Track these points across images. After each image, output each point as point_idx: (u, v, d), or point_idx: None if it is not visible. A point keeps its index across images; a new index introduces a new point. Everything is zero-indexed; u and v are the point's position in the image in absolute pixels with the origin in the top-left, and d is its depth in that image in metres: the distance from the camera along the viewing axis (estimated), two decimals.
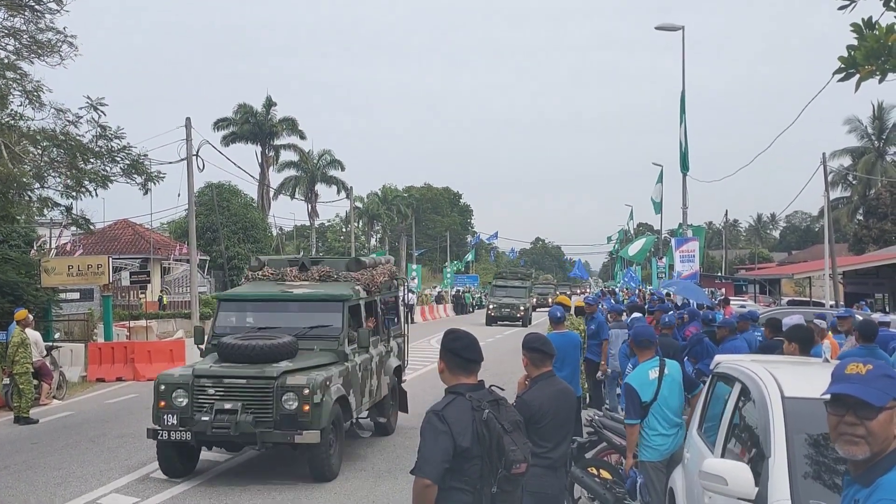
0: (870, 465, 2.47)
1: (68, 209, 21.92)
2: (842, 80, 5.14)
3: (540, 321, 36.38)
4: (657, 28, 24.66)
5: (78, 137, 19.57)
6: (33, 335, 15.07)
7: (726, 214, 74.20)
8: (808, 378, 5.11)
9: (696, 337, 11.19)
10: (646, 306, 16.88)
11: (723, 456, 5.12)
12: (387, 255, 16.49)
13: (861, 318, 11.64)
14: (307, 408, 9.12)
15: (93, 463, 10.52)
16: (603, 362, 13.26)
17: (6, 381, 15.21)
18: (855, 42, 5.09)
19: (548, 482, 5.12)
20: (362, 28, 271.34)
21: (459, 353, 4.04)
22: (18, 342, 14.21)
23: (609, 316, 14.38)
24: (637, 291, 48.91)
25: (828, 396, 2.56)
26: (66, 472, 10.00)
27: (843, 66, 5.10)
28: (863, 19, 5.10)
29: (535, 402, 5.10)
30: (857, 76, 5.09)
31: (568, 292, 65.33)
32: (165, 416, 9.37)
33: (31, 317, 15.39)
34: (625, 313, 15.12)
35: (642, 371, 6.93)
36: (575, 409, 5.51)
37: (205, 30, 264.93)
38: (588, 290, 53.95)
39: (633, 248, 38.51)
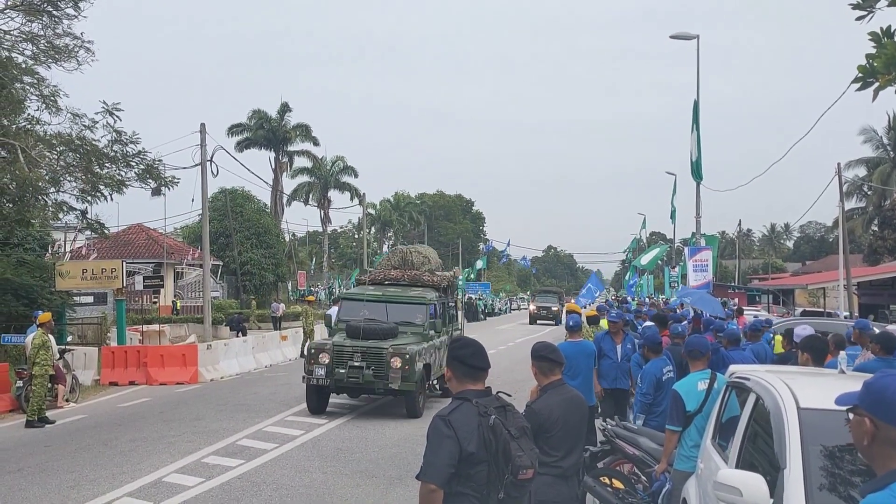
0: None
1: (83, 213, 22.06)
2: (860, 89, 5.10)
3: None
4: (672, 37, 24.60)
5: (93, 142, 19.73)
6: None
7: (739, 224, 74.09)
8: (823, 389, 5.06)
9: (713, 347, 11.07)
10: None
11: (737, 467, 5.08)
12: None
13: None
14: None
15: (105, 466, 10.54)
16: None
17: (19, 383, 15.31)
18: (873, 51, 5.05)
19: (558, 491, 5.09)
20: (375, 37, 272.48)
21: (466, 360, 4.04)
22: (40, 344, 14.33)
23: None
24: (646, 300, 48.73)
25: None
26: (78, 476, 10.03)
27: (861, 74, 5.06)
28: (881, 28, 5.06)
29: (544, 411, 5.06)
30: (876, 84, 5.05)
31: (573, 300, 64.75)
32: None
33: (52, 321, 15.52)
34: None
35: (691, 381, 6.88)
36: (586, 417, 5.46)
37: (221, 37, 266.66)
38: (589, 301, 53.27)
39: (646, 258, 38.43)
